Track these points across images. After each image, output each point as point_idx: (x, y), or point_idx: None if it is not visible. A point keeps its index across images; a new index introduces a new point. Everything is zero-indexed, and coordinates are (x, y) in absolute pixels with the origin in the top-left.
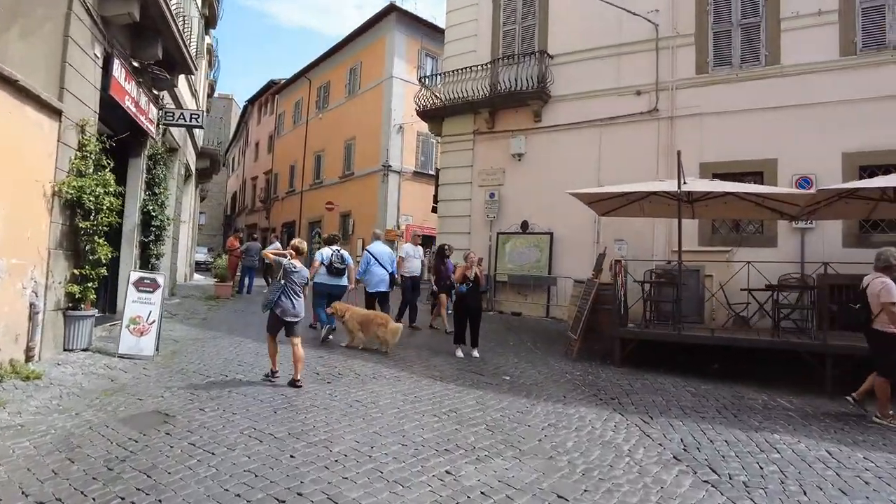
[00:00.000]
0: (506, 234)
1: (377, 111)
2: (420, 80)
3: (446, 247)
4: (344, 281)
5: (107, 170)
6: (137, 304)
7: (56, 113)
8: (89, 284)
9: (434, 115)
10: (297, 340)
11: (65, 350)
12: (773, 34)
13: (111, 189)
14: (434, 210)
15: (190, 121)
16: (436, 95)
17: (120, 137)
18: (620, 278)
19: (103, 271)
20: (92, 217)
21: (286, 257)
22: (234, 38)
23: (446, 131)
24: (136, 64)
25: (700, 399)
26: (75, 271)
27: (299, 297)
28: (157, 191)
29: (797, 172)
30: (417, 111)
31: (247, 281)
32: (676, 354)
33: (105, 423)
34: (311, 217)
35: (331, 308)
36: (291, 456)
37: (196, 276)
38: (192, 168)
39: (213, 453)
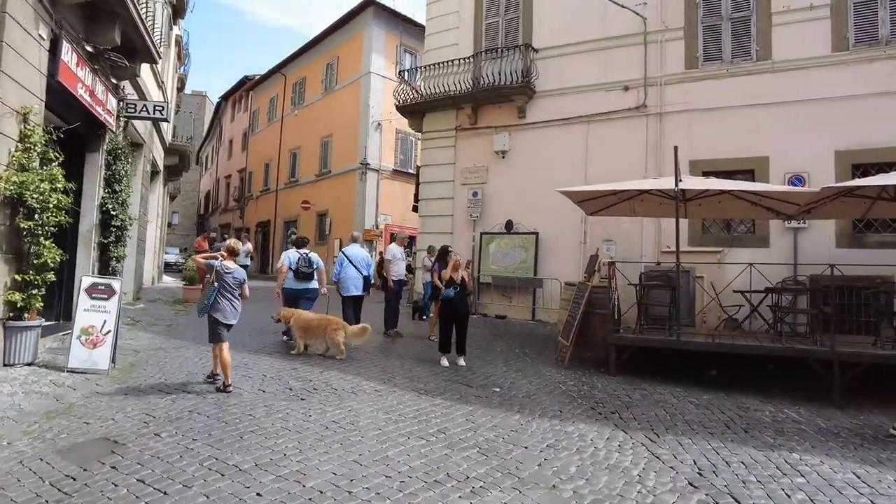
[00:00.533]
0: (490, 234)
1: (355, 108)
2: (399, 74)
3: (450, 249)
4: (313, 284)
5: (54, 164)
6: (90, 313)
7: None
8: (34, 291)
9: (414, 111)
10: (226, 346)
11: (5, 365)
12: (764, 29)
13: (59, 185)
14: (415, 209)
15: (154, 113)
16: (415, 90)
17: (71, 128)
18: (615, 281)
19: (51, 276)
20: (37, 216)
21: (218, 259)
22: (207, 36)
23: (427, 127)
24: (90, 49)
25: (704, 412)
26: (17, 277)
27: (236, 298)
28: (117, 188)
29: (789, 171)
30: (397, 105)
31: None
32: (671, 360)
33: (40, 456)
34: (286, 216)
35: (276, 313)
36: (258, 494)
37: (166, 277)
38: (160, 165)
39: (165, 493)
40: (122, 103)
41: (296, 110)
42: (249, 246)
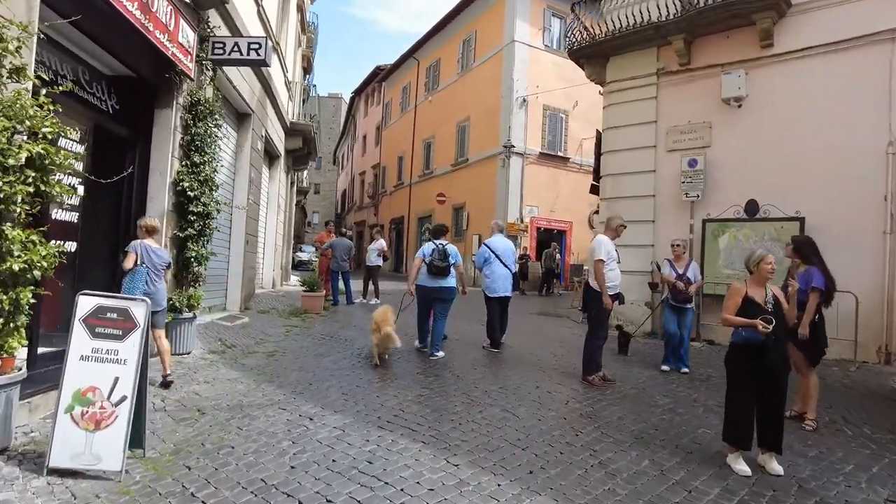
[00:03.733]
0: (718, 221)
1: (495, 84)
2: (572, 8)
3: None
4: (449, 282)
5: (38, 92)
6: (90, 364)
7: None
8: (5, 323)
9: (593, 55)
10: (162, 332)
11: None
12: None
13: (46, 125)
14: (594, 190)
15: (248, 53)
16: (588, 30)
17: (73, 19)
18: None
19: (26, 295)
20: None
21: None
22: (340, 46)
23: (612, 76)
24: None
25: None
26: None
27: (160, 281)
28: (197, 160)
29: None
30: (569, 50)
31: (341, 286)
32: None
33: None
34: (420, 212)
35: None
36: None
37: (294, 278)
38: (280, 149)
39: None
40: (205, 43)
41: (429, 96)
42: (383, 243)
